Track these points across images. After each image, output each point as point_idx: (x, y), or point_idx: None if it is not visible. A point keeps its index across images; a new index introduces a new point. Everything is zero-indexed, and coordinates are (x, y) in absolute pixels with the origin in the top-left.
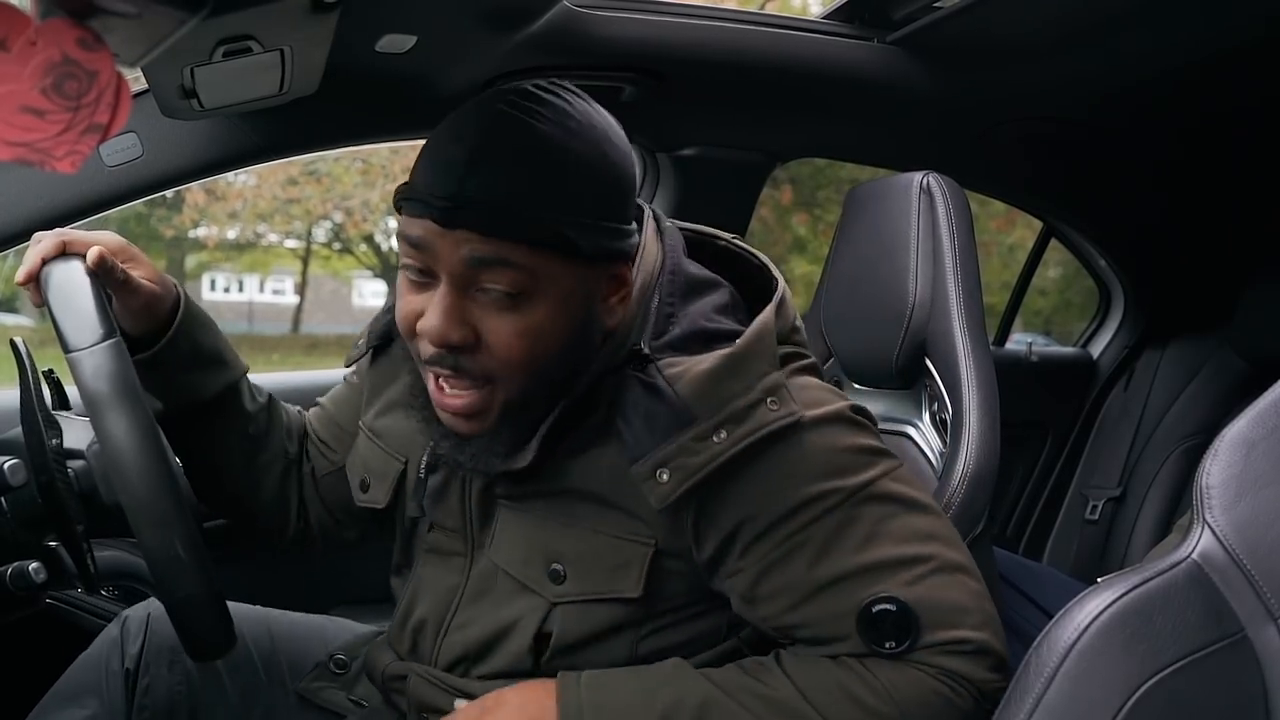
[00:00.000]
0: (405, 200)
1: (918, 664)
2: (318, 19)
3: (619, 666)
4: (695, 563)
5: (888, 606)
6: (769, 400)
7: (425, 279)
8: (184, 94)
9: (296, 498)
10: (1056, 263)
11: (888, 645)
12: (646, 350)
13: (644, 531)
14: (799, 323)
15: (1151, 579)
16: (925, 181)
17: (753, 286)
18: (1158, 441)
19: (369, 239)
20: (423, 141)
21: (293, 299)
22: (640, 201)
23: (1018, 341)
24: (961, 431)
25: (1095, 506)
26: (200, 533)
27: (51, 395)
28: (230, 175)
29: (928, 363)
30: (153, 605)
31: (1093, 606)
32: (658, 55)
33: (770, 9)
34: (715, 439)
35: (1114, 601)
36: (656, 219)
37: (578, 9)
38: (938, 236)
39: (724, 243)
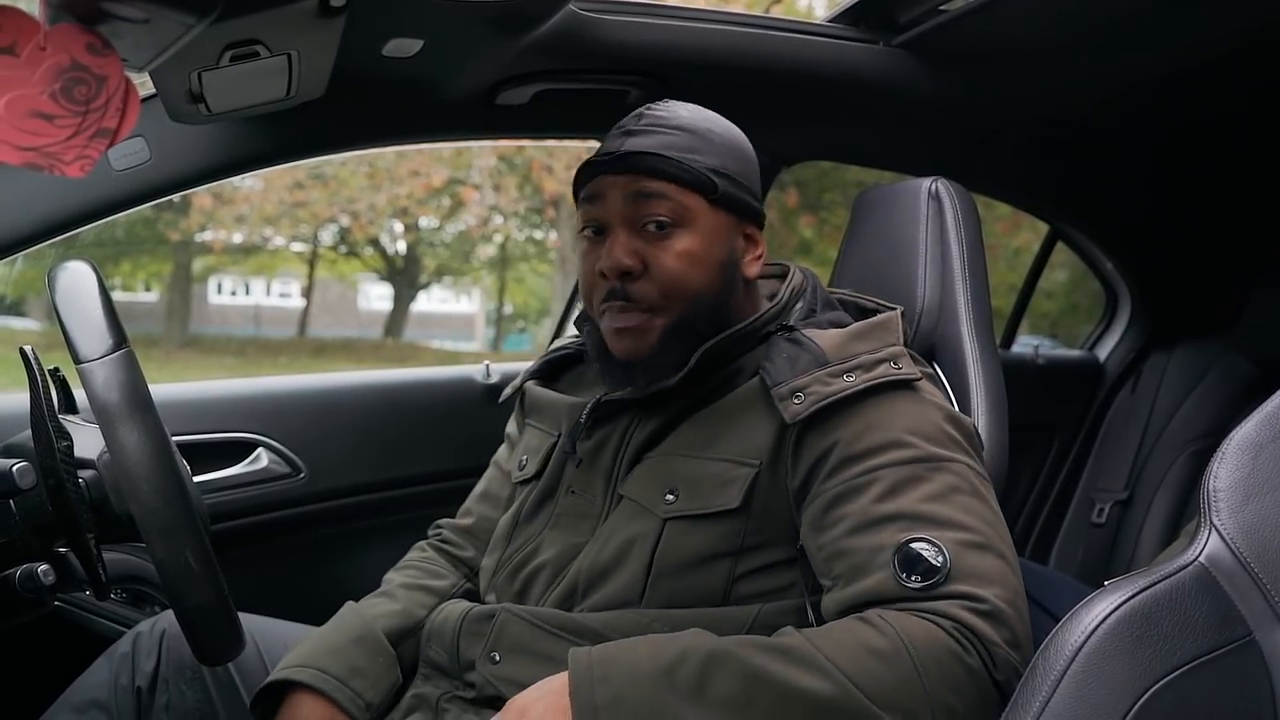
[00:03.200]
0: (583, 170)
1: (933, 615)
2: (324, 23)
3: (714, 601)
4: (788, 489)
5: (926, 548)
6: (893, 361)
7: (599, 235)
8: (191, 98)
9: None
10: (1062, 265)
11: (913, 579)
12: (793, 324)
13: (751, 456)
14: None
15: (1159, 582)
16: (934, 187)
17: None
18: (1165, 445)
19: (375, 242)
20: (427, 145)
21: (299, 302)
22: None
23: (1024, 344)
24: None
25: (1102, 510)
26: (209, 541)
27: (59, 396)
28: (237, 179)
29: (936, 367)
30: (165, 620)
31: (1100, 610)
32: (663, 59)
33: (776, 12)
34: (846, 378)
35: (1121, 605)
36: (798, 267)
37: (583, 13)
38: (946, 242)
39: (840, 294)
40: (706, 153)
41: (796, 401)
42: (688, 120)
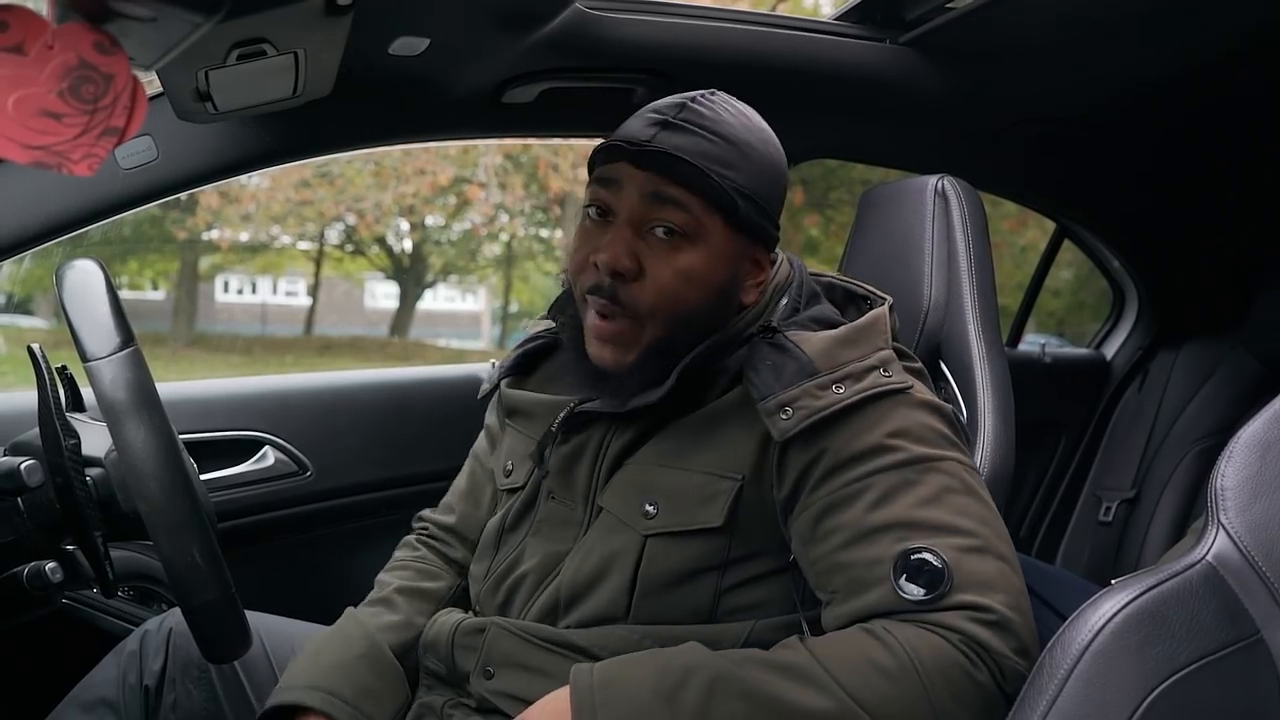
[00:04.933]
0: (603, 149)
1: (939, 627)
2: (331, 22)
3: (701, 618)
4: (774, 502)
5: (926, 557)
6: (882, 369)
7: (603, 219)
8: (199, 97)
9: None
10: (1069, 263)
11: (915, 592)
12: (775, 325)
13: (733, 469)
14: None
15: (1166, 581)
16: (940, 185)
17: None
18: (1172, 443)
19: (381, 240)
20: (433, 144)
21: (305, 301)
22: None
23: (1031, 343)
24: (976, 434)
25: (1109, 508)
26: (216, 539)
27: (66, 394)
28: (243, 178)
29: (942, 365)
30: (172, 619)
31: (1107, 608)
32: (669, 57)
33: (782, 10)
34: (835, 390)
35: (1128, 603)
36: (787, 256)
37: (589, 11)
38: (952, 240)
39: (828, 279)
40: (740, 169)
41: (784, 417)
42: (731, 128)
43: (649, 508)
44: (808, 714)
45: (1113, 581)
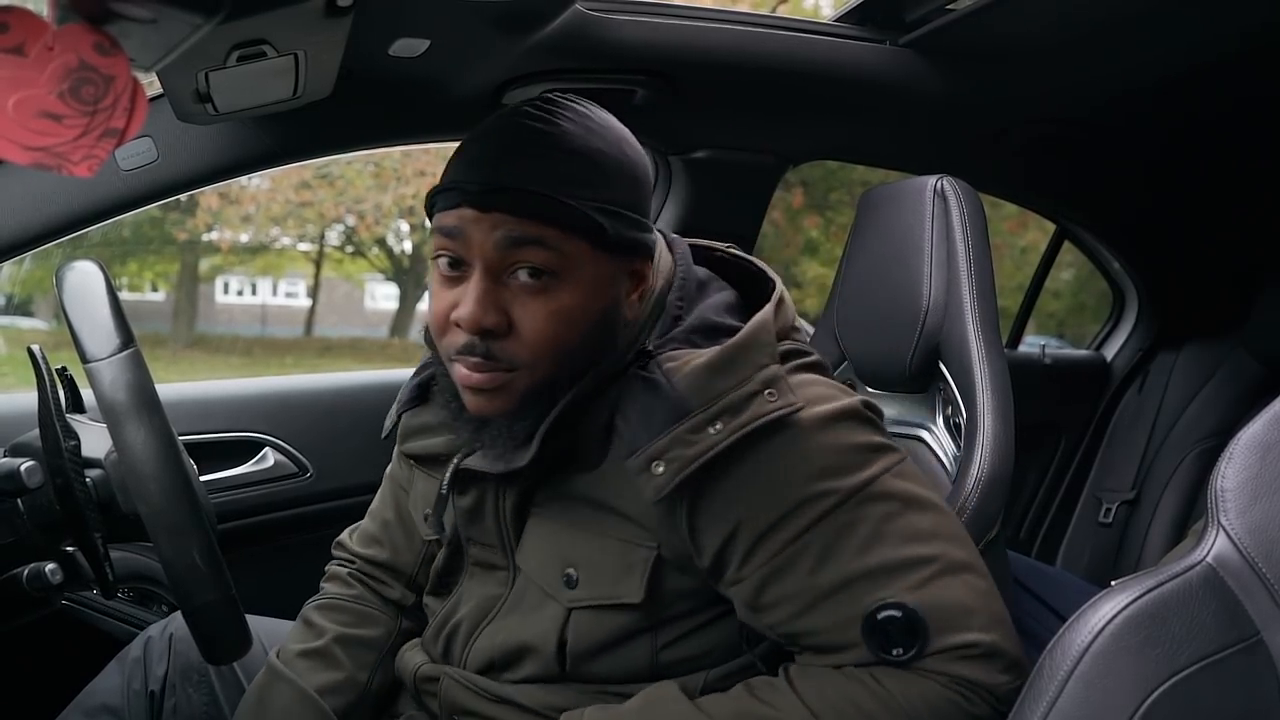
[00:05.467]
0: (441, 193)
1: (929, 672)
2: (331, 23)
3: (642, 677)
4: (698, 569)
5: (893, 613)
6: (766, 392)
7: (458, 272)
8: (198, 98)
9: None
10: (1070, 265)
11: (895, 653)
12: (650, 347)
13: (646, 536)
14: (799, 323)
15: (1166, 582)
16: (939, 185)
17: (755, 294)
18: (1172, 444)
19: (381, 242)
20: (434, 145)
21: (305, 302)
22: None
23: (1031, 344)
24: (976, 435)
25: (1109, 509)
26: (216, 541)
27: (66, 395)
28: (243, 179)
29: (942, 366)
30: (174, 624)
31: (1107, 610)
32: (669, 58)
33: (782, 11)
34: (711, 429)
35: (1128, 605)
36: (663, 234)
37: (590, 13)
38: (952, 240)
39: (720, 253)
40: (597, 184)
41: (657, 472)
42: (575, 138)
43: (570, 572)
44: None
45: (1113, 583)
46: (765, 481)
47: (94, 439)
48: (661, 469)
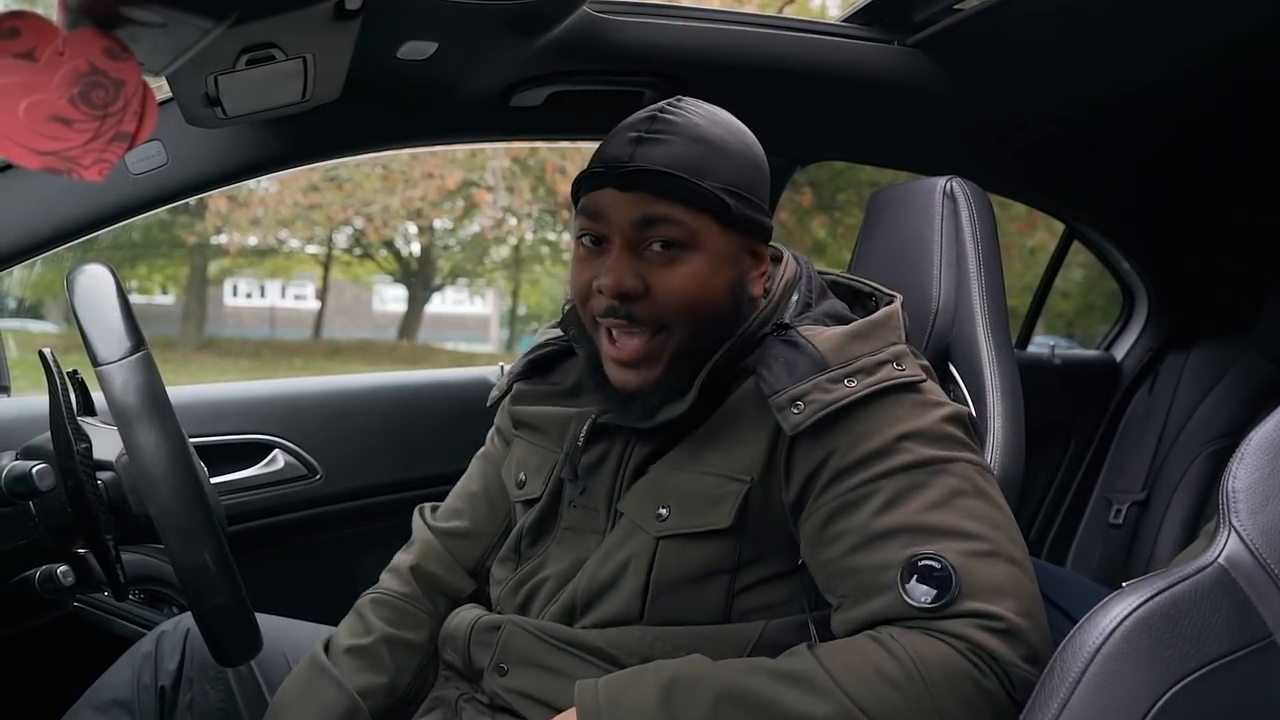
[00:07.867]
0: (586, 177)
1: (949, 635)
2: (340, 26)
3: (714, 620)
4: (782, 503)
5: (933, 563)
6: (895, 363)
7: (599, 247)
8: (208, 102)
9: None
10: (1079, 265)
11: (922, 598)
12: (788, 322)
13: (744, 469)
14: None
15: (1177, 584)
16: (949, 186)
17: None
18: (1183, 445)
19: (389, 244)
20: (437, 147)
21: (314, 304)
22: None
23: (1040, 344)
24: (986, 436)
25: (1119, 510)
26: (226, 542)
27: (77, 398)
28: (252, 182)
29: (951, 368)
30: (189, 620)
31: (1118, 611)
32: (677, 59)
33: (789, 12)
34: (847, 383)
35: (1139, 606)
36: (786, 248)
37: (597, 14)
38: (961, 241)
39: (833, 276)
40: (721, 168)
41: (796, 411)
42: (702, 129)
43: (662, 510)
44: None
45: (1124, 584)
46: (864, 428)
47: (105, 442)
48: (801, 408)
